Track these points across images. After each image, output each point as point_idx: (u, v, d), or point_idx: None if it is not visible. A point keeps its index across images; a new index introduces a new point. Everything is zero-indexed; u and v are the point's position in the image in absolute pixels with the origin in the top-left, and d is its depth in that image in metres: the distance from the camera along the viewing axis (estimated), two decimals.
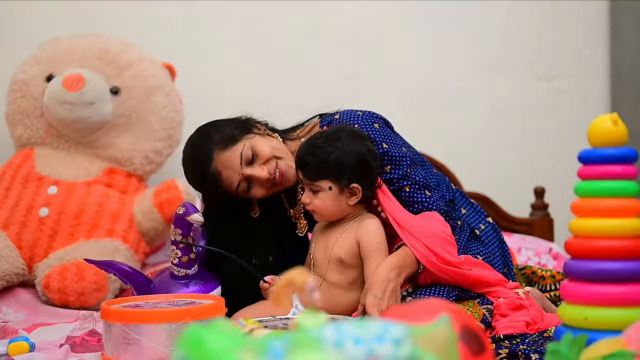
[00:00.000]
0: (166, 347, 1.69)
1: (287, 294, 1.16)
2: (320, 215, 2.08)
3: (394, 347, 0.94)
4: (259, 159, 2.13)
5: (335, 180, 2.02)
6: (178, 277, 2.09)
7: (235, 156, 2.11)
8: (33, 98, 2.74)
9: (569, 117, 3.50)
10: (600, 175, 1.52)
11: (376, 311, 1.90)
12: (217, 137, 2.13)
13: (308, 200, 2.06)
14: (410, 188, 2.16)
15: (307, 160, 2.03)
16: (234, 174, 2.12)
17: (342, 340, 0.94)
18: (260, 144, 2.14)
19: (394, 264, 1.97)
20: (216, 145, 2.12)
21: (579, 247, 1.51)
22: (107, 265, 2.11)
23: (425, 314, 1.11)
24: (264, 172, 2.12)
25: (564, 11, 3.50)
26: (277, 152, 2.17)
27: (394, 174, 2.15)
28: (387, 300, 1.92)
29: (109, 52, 2.79)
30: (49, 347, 1.95)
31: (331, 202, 2.04)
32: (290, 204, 2.32)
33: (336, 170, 2.01)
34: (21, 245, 2.53)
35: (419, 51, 3.44)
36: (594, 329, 1.45)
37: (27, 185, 2.64)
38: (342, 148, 2.01)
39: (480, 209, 2.35)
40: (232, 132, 2.15)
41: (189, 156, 2.19)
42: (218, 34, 3.30)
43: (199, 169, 2.14)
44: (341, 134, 2.04)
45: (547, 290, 2.36)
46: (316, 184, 2.03)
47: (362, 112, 2.23)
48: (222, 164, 2.12)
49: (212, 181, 2.13)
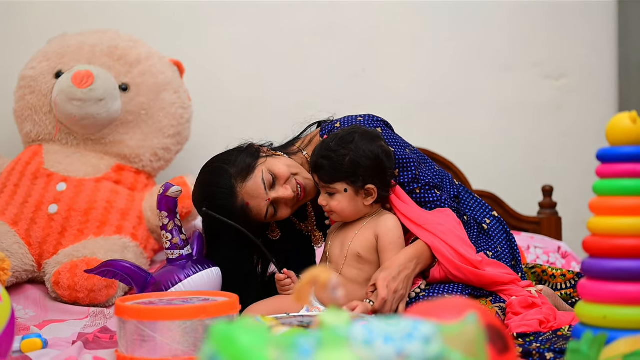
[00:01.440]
0: (181, 344, 1.69)
1: (309, 291, 1.15)
2: (338, 216, 2.08)
3: (424, 345, 0.94)
4: (279, 179, 2.10)
5: (350, 182, 2.03)
6: (173, 260, 2.10)
7: (258, 183, 2.07)
8: (42, 94, 2.73)
9: (577, 115, 3.49)
10: (619, 173, 1.52)
11: (386, 287, 1.92)
12: (233, 170, 2.08)
13: (325, 203, 2.06)
14: (421, 190, 2.16)
15: (321, 164, 2.03)
16: (261, 201, 2.08)
17: (372, 338, 0.94)
18: (276, 165, 2.11)
19: (412, 255, 2.01)
20: (236, 178, 2.07)
21: (597, 245, 1.51)
22: (107, 266, 2.08)
23: (450, 312, 1.11)
24: (288, 191, 2.11)
25: (572, 9, 3.49)
26: (292, 169, 2.15)
27: (404, 177, 2.15)
28: (399, 283, 1.94)
29: (117, 49, 2.78)
30: (62, 344, 1.95)
31: (347, 203, 2.05)
32: (300, 219, 2.32)
33: (351, 172, 2.02)
34: (30, 242, 2.53)
35: (426, 49, 3.44)
36: (613, 328, 1.45)
37: (36, 182, 2.63)
38: (356, 150, 2.02)
39: (484, 204, 2.34)
40: (245, 161, 2.10)
41: (209, 195, 2.10)
42: (225, 32, 3.30)
43: (224, 205, 2.07)
44: (354, 136, 2.04)
45: (558, 289, 2.35)
46: (332, 186, 2.04)
47: (363, 117, 2.22)
48: (247, 194, 2.07)
49: (241, 215, 2.07)
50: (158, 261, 2.74)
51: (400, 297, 1.96)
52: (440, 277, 2.03)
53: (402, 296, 1.96)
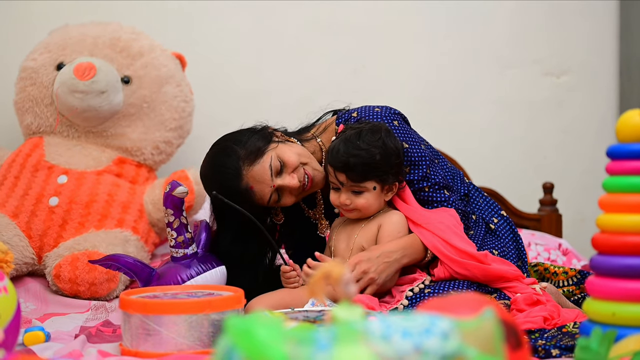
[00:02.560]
0: (186, 339, 1.68)
1: (323, 286, 1.15)
2: (360, 214, 2.07)
3: (442, 341, 0.93)
4: (287, 167, 2.09)
5: (379, 180, 2.03)
6: (178, 259, 2.09)
7: (265, 169, 2.06)
8: (43, 86, 2.71)
9: (577, 112, 3.49)
10: (629, 170, 1.51)
11: (355, 264, 1.95)
12: (242, 152, 2.06)
13: (349, 202, 2.04)
14: (430, 189, 2.15)
15: (353, 163, 2.00)
16: (265, 187, 2.07)
17: (390, 333, 0.93)
18: (286, 153, 2.09)
19: (398, 246, 2.01)
20: (243, 161, 2.06)
21: (606, 242, 1.51)
22: (111, 260, 2.07)
23: (464, 307, 1.11)
24: (294, 180, 2.09)
25: (573, 6, 3.48)
26: (302, 158, 2.13)
27: (413, 175, 2.15)
28: (372, 265, 1.95)
29: (120, 41, 2.77)
30: (64, 337, 1.94)
31: (374, 200, 2.05)
32: (309, 205, 2.30)
33: (382, 170, 2.02)
34: (31, 234, 2.51)
35: (426, 46, 3.43)
36: (622, 325, 1.45)
37: (37, 174, 2.62)
38: (384, 147, 2.02)
39: (493, 203, 2.34)
40: (256, 144, 2.08)
41: (215, 173, 2.10)
42: (227, 25, 3.29)
43: (229, 186, 2.06)
44: (381, 133, 2.04)
45: (560, 286, 2.35)
46: (362, 185, 2.03)
47: (381, 108, 2.21)
48: (252, 178, 2.06)
49: (244, 197, 2.07)
50: (159, 255, 2.73)
51: (369, 280, 1.96)
52: (445, 276, 2.02)
53: (371, 280, 1.96)
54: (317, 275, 1.15)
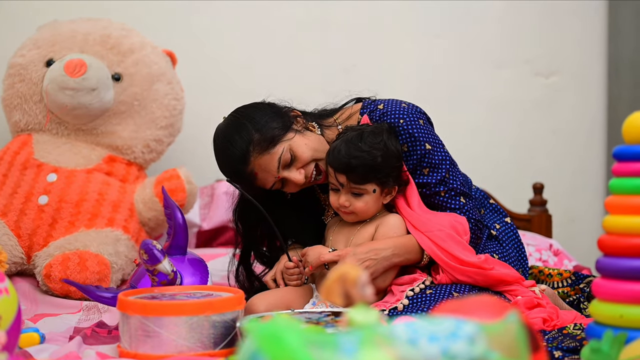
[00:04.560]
0: (187, 340, 1.66)
1: (339, 288, 1.13)
2: (357, 217, 2.05)
3: (469, 345, 0.92)
4: (297, 162, 2.04)
5: (379, 183, 2.01)
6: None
7: (274, 160, 2.02)
8: (32, 83, 2.66)
9: (567, 112, 3.50)
10: (635, 172, 1.51)
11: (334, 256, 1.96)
12: (256, 136, 2.01)
13: (347, 204, 2.01)
14: (446, 194, 2.11)
15: (354, 165, 1.98)
16: (269, 176, 2.04)
17: (416, 337, 0.92)
18: (300, 148, 2.04)
19: (390, 244, 1.99)
20: (254, 147, 2.00)
21: (613, 244, 1.51)
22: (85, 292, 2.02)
23: (484, 310, 1.09)
24: (300, 175, 2.05)
25: (563, 7, 3.50)
26: (317, 153, 2.07)
27: (431, 177, 2.10)
28: (359, 262, 1.93)
29: (110, 38, 2.72)
30: (58, 339, 1.91)
31: (373, 203, 2.03)
32: (323, 189, 2.24)
33: (383, 173, 2.00)
34: (20, 233, 2.47)
35: (417, 45, 3.42)
36: (630, 327, 1.44)
37: (26, 172, 2.57)
38: (386, 149, 2.00)
39: (499, 209, 2.33)
40: (272, 132, 2.02)
41: (224, 149, 2.06)
42: (217, 23, 3.26)
43: (234, 167, 2.04)
44: (383, 135, 2.01)
45: (555, 287, 2.35)
46: (362, 187, 2.00)
47: (407, 105, 2.15)
48: (259, 165, 2.02)
49: (246, 180, 2.05)
50: None
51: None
52: (446, 282, 2.01)
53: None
54: (333, 278, 1.13)
